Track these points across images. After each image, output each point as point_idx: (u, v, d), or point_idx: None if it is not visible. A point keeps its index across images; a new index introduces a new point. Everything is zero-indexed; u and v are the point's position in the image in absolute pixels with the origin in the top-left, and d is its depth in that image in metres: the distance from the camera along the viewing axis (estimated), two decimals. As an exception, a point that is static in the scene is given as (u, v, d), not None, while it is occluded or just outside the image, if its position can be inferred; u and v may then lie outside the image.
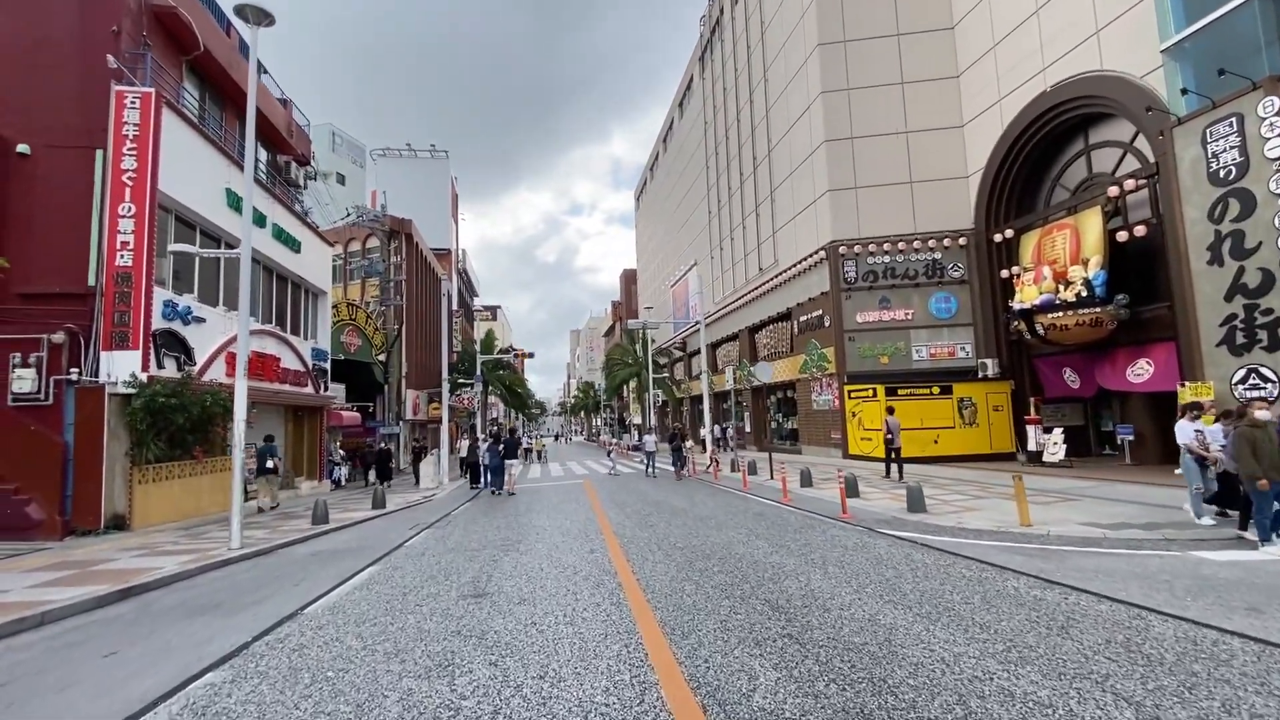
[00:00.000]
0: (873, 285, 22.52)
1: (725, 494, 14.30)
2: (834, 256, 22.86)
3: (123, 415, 11.01)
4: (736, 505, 12.14)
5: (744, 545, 8.03)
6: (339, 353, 25.45)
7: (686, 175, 43.42)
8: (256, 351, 15.28)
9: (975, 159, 21.76)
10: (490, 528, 10.61)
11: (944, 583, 5.87)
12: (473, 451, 19.00)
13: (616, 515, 11.29)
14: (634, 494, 14.90)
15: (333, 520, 11.91)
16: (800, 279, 25.58)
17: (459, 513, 13.03)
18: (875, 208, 22.87)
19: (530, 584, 6.42)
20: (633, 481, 18.57)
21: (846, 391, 22.22)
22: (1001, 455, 20.17)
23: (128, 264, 11.15)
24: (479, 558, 8.00)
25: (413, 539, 9.84)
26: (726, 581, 6.16)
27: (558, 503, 13.75)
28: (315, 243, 20.06)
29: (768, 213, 28.91)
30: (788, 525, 9.54)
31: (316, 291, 20.45)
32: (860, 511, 10.50)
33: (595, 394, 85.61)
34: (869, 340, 22.37)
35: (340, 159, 48.02)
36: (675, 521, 10.27)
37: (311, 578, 7.38)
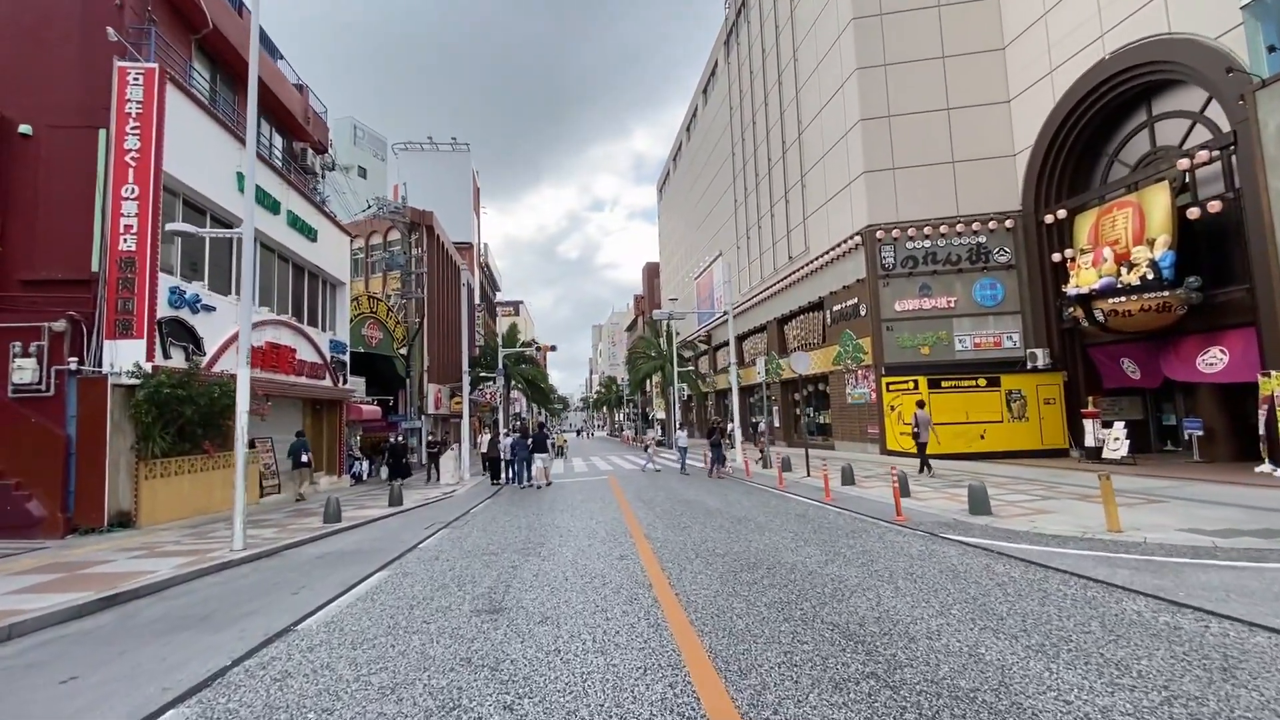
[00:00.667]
0: (912, 271, 21.32)
1: (760, 492, 13.38)
2: (870, 242, 21.69)
3: (127, 407, 10.49)
4: (775, 505, 11.22)
5: (793, 552, 7.12)
6: (360, 346, 25.04)
7: (711, 164, 42.32)
8: (271, 342, 14.75)
9: (1023, 136, 20.40)
10: (510, 528, 9.85)
11: (1044, 603, 4.91)
12: (493, 446, 18.34)
13: (646, 515, 10.46)
14: (663, 491, 14.06)
15: (346, 518, 11.28)
16: (833, 266, 24.44)
17: (478, 510, 12.32)
18: (914, 190, 21.64)
19: (553, 597, 5.61)
20: (661, 478, 17.73)
21: (884, 384, 21.08)
22: (1053, 451, 18.91)
23: (131, 248, 10.60)
24: (497, 563, 7.22)
25: (427, 540, 9.13)
26: (782, 598, 5.27)
27: (582, 501, 12.97)
28: (333, 232, 19.54)
29: (798, 198, 27.76)
30: (837, 528, 8.61)
31: (335, 282, 19.94)
32: (915, 513, 9.52)
33: (618, 389, 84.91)
34: (908, 330, 21.19)
35: (362, 152, 47.82)
36: (711, 523, 9.40)
37: (313, 585, 6.68)
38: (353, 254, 37.13)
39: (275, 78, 17.03)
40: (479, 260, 55.19)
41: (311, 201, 17.86)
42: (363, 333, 26.09)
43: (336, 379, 18.93)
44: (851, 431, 23.37)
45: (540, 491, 15.48)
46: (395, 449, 17.67)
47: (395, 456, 17.48)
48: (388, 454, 18.31)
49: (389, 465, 17.86)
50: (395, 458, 17.39)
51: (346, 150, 46.47)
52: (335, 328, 19.88)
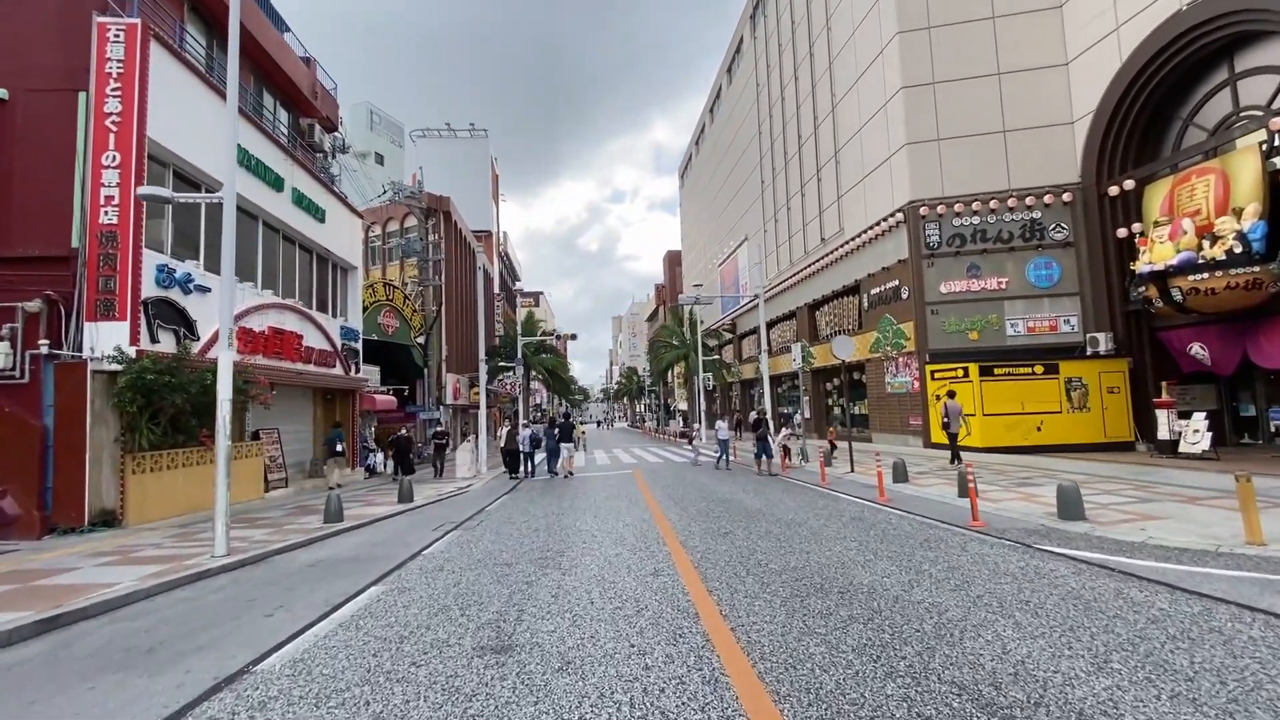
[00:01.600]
0: (959, 251, 19.75)
1: (803, 490, 12.13)
2: (913, 219, 20.15)
3: (109, 396, 9.59)
4: (824, 506, 9.96)
5: (865, 569, 5.89)
6: (376, 334, 24.23)
7: (736, 145, 40.73)
8: (274, 327, 13.83)
9: (1083, 101, 18.67)
10: (527, 530, 8.75)
11: (1235, 653, 3.63)
12: (512, 439, 17.31)
13: (678, 517, 9.29)
14: (694, 489, 12.88)
15: (350, 517, 10.30)
16: (871, 247, 22.92)
17: (494, 509, 11.26)
18: (961, 162, 20.02)
19: (576, 630, 4.47)
20: (689, 473, 16.54)
21: (929, 372, 19.60)
22: (1117, 445, 17.31)
23: (112, 221, 9.67)
24: (509, 577, 6.11)
25: (434, 545, 8.07)
26: (872, 639, 4.06)
27: (606, 499, 11.84)
28: (343, 214, 18.59)
29: (831, 176, 26.19)
30: (907, 537, 7.34)
31: (346, 266, 19.03)
32: (993, 517, 8.21)
33: (639, 380, 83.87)
34: (955, 313, 19.66)
35: (379, 138, 47.04)
36: (755, 528, 8.20)
37: (292, 604, 5.63)
38: (369, 241, 36.46)
39: (280, 49, 16.05)
40: (498, 249, 54.29)
41: (319, 180, 16.91)
42: (378, 321, 25.26)
43: (348, 367, 18.04)
44: (890, 423, 21.93)
45: (561, 487, 14.41)
46: (400, 442, 16.63)
47: (400, 451, 16.44)
48: (393, 448, 17.15)
49: (395, 459, 16.83)
50: (400, 452, 16.38)
51: (363, 136, 45.72)
52: (347, 314, 18.98)
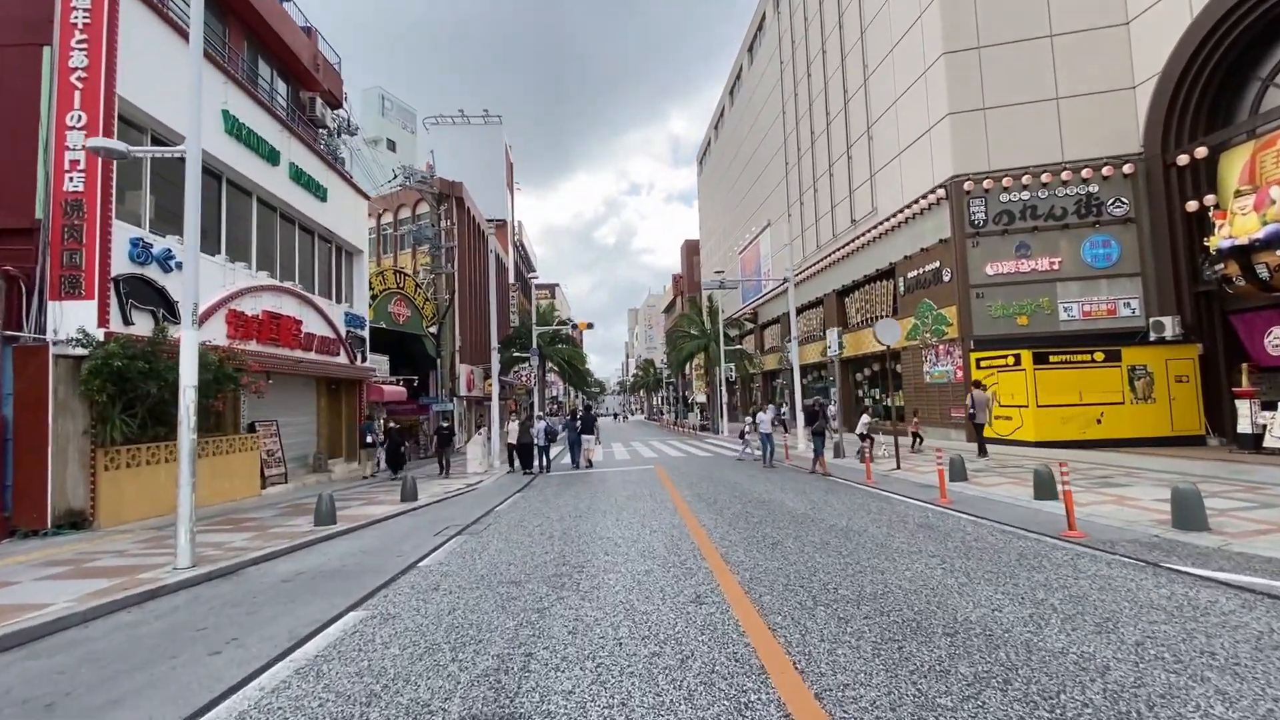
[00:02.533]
0: (1007, 229, 18.25)
1: (848, 489, 10.86)
2: (957, 195, 18.66)
3: (75, 383, 8.61)
4: (880, 509, 8.71)
5: (962, 596, 4.66)
6: (386, 323, 23.33)
7: (758, 127, 39.18)
8: (270, 311, 12.84)
9: (1146, 63, 17.04)
10: (540, 537, 7.62)
11: None
12: (525, 431, 16.23)
13: (713, 521, 8.11)
14: (724, 487, 11.68)
15: (345, 518, 9.26)
16: (908, 227, 21.44)
17: (504, 509, 10.16)
18: (1009, 132, 18.47)
19: (601, 691, 3.30)
20: (715, 469, 15.34)
21: (974, 360, 18.16)
22: (1186, 439, 15.76)
23: (78, 189, 8.66)
24: (517, 602, 4.97)
25: (433, 554, 6.96)
26: (1022, 716, 2.84)
27: (628, 498, 10.67)
28: (347, 194, 17.57)
29: (863, 154, 24.68)
30: (995, 551, 6.08)
31: (351, 250, 18.03)
32: (1090, 525, 6.91)
33: (655, 372, 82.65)
34: (1003, 296, 18.19)
35: (390, 124, 46.09)
36: (806, 537, 6.98)
37: (248, 636, 4.54)
38: (380, 229, 35.61)
39: (278, 17, 15.01)
40: (513, 238, 53.27)
41: (321, 156, 15.88)
42: (389, 309, 24.34)
43: (353, 356, 17.06)
44: (929, 415, 20.50)
45: (577, 484, 13.29)
46: (390, 435, 15.52)
47: (392, 445, 15.25)
48: (384, 442, 15.83)
49: (385, 455, 15.50)
50: (392, 446, 15.20)
51: (374, 122, 44.80)
52: (352, 300, 18.00)
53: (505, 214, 49.04)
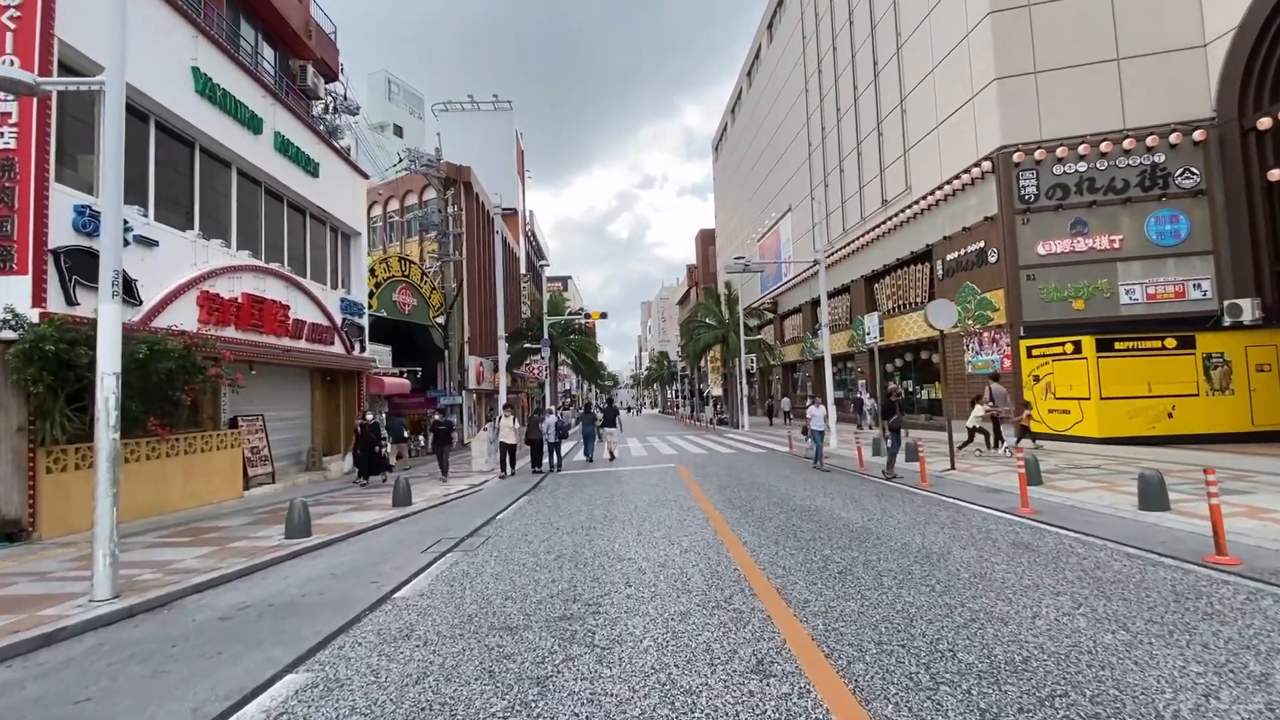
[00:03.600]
0: (1061, 204, 16.62)
1: (905, 495, 9.43)
2: (1005, 168, 17.03)
3: (6, 372, 7.40)
4: (952, 522, 7.29)
5: (1141, 667, 3.25)
6: (387, 312, 22.15)
7: (778, 108, 37.47)
8: (251, 294, 11.62)
9: (1219, 17, 15.33)
10: (546, 557, 6.30)
11: None
12: (534, 428, 14.92)
13: (755, 538, 6.74)
14: (759, 491, 10.29)
15: (324, 528, 8.02)
16: (946, 206, 19.83)
17: (507, 517, 8.85)
18: (1064, 98, 16.81)
19: None
20: (746, 468, 13.97)
21: (1024, 348, 16.59)
22: (1267, 434, 14.08)
23: (9, 146, 7.44)
24: (508, 668, 3.63)
25: (413, 581, 5.68)
26: None
27: (649, 504, 9.32)
28: (342, 171, 16.31)
29: (895, 129, 23.02)
30: (1133, 584, 4.66)
31: (348, 232, 16.80)
32: (1239, 548, 5.45)
33: (669, 364, 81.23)
34: (1056, 278, 16.59)
35: (397, 109, 44.87)
36: (880, 562, 5.59)
37: (143, 712, 3.25)
38: (386, 216, 34.47)
39: (264, -24, 13.73)
40: (524, 228, 52.02)
41: (313, 129, 14.62)
42: (393, 298, 23.13)
43: (350, 345, 15.86)
44: (968, 408, 18.91)
45: (591, 486, 11.97)
46: (365, 432, 12.91)
47: (366, 444, 12.73)
48: (357, 440, 13.18)
49: (356, 455, 13.02)
50: (366, 445, 12.71)
51: (381, 107, 43.63)
52: (349, 286, 16.79)
53: (515, 201, 47.76)
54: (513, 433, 14.28)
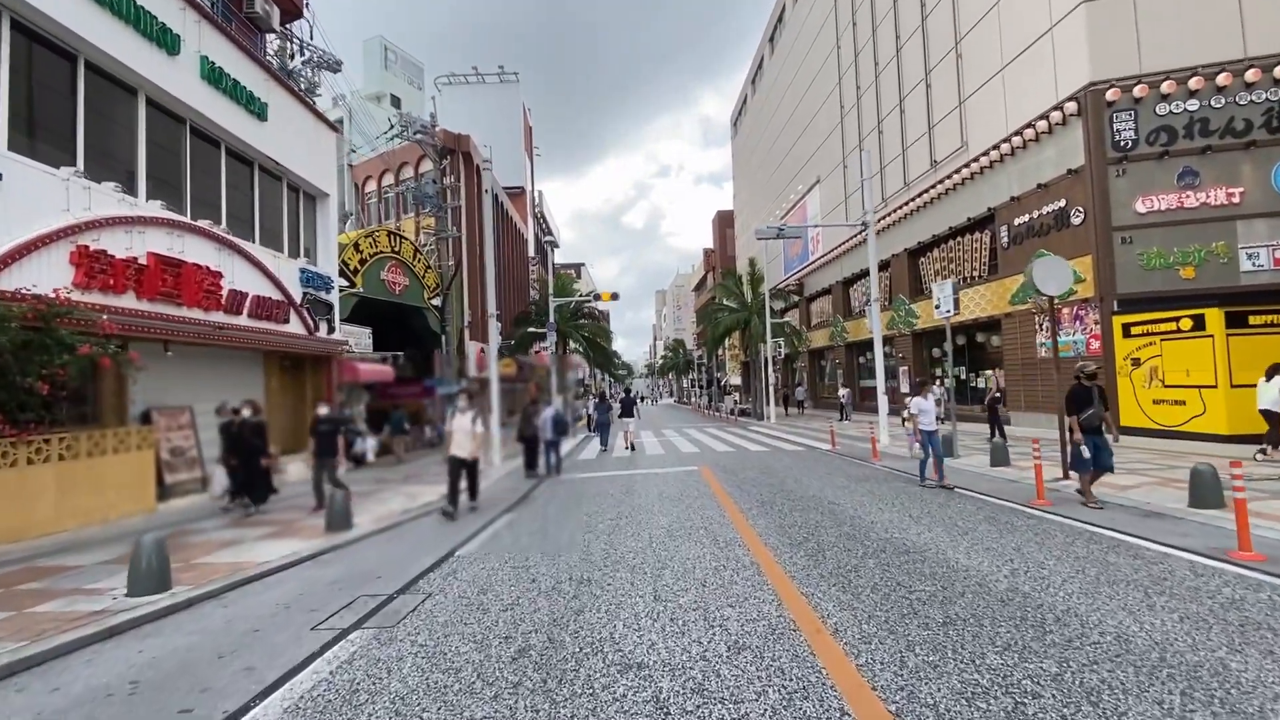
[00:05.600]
0: (1167, 150, 13.70)
1: (1035, 521, 6.77)
2: (1095, 108, 14.12)
3: None
4: (1149, 580, 4.63)
5: None
6: (380, 293, 19.81)
7: (804, 71, 34.38)
8: (160, 256, 9.15)
9: (1381, -90, 12.23)
10: (502, 655, 3.75)
11: None
12: (529, 422, 12.42)
13: (852, 619, 4.16)
14: (824, 514, 7.68)
15: (197, 572, 5.57)
16: (1014, 161, 16.92)
17: (469, 556, 6.32)
18: (1169, 22, 13.85)
19: None
20: (787, 471, 11.37)
21: (1119, 325, 13.76)
22: None
23: None
24: None
25: (260, 707, 3.16)
26: None
27: (667, 536, 6.72)
28: (302, 119, 13.81)
29: (947, 78, 20.04)
30: None
31: (311, 192, 14.33)
32: None
33: (685, 353, 78.49)
34: (1159, 241, 13.70)
35: (394, 79, 42.27)
36: (1093, 670, 2.96)
37: None
38: (381, 192, 32.07)
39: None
40: (532, 209, 49.43)
41: (259, 62, 12.10)
42: (381, 276, 20.70)
43: (313, 325, 13.43)
44: (1040, 398, 16.10)
45: (593, 500, 9.42)
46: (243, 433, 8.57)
47: (239, 452, 8.56)
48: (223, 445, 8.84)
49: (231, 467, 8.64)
50: (240, 454, 8.55)
51: (377, 76, 41.07)
52: (314, 255, 14.34)
53: (523, 180, 45.16)
54: (471, 440, 8.46)
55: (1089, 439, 7.07)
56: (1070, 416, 7.21)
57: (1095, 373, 7.20)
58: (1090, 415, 7.07)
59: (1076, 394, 7.20)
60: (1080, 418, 7.09)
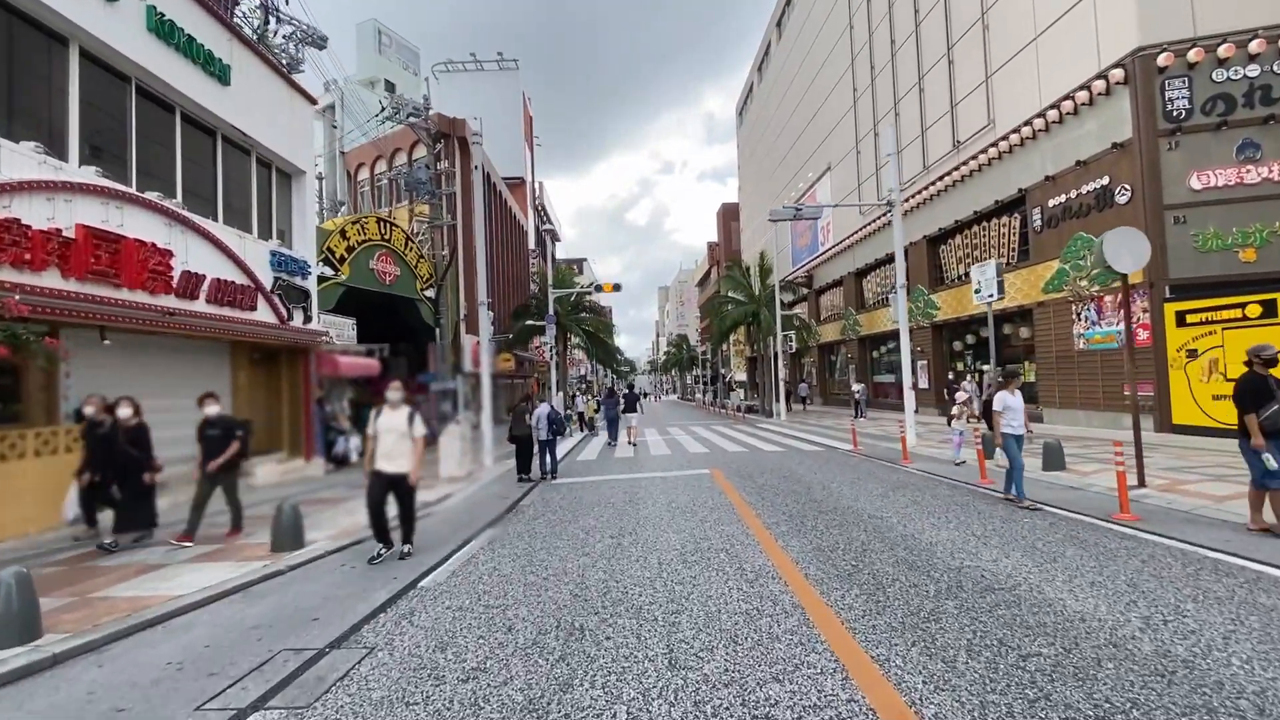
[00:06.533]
0: (1225, 120, 12.44)
1: (1113, 539, 5.55)
2: (1145, 75, 12.85)
3: None
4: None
5: None
6: (369, 283, 18.68)
7: (814, 54, 33.04)
8: (94, 229, 7.95)
9: None
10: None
11: None
12: (520, 421, 11.19)
13: (936, 675, 2.96)
14: (872, 533, 6.45)
15: (93, 610, 4.38)
16: (1048, 138, 15.64)
17: (428, 593, 5.12)
18: (1228, -20, 12.56)
19: None
20: (811, 475, 10.15)
21: (1171, 314, 12.51)
22: None
23: None
24: None
25: None
26: None
27: (680, 564, 5.48)
28: (273, 86, 12.59)
29: (972, 52, 18.74)
30: None
31: (285, 168, 13.11)
32: None
33: (689, 348, 77.20)
34: (1217, 220, 12.44)
35: (389, 64, 40.98)
36: None
37: None
38: (374, 178, 30.85)
39: None
40: (532, 200, 48.17)
41: (219, 18, 10.87)
42: (370, 266, 19.52)
43: (285, 313, 12.23)
44: (1078, 395, 14.85)
45: (591, 512, 8.21)
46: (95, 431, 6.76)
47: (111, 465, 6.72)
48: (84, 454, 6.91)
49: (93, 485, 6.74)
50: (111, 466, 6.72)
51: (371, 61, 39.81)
52: (289, 238, 13.14)
53: (523, 170, 43.90)
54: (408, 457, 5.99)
55: (1273, 444, 5.33)
56: (1248, 414, 5.45)
57: (1276, 357, 5.46)
58: (1274, 413, 5.30)
59: (1254, 385, 5.46)
60: (1261, 416, 5.35)
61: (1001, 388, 7.38)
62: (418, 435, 6.01)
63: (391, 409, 6.10)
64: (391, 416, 6.06)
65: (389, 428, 5.99)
